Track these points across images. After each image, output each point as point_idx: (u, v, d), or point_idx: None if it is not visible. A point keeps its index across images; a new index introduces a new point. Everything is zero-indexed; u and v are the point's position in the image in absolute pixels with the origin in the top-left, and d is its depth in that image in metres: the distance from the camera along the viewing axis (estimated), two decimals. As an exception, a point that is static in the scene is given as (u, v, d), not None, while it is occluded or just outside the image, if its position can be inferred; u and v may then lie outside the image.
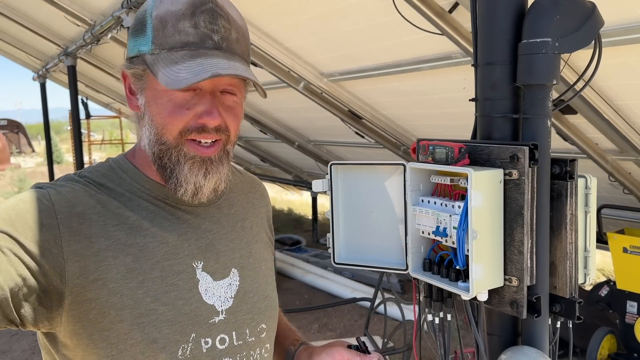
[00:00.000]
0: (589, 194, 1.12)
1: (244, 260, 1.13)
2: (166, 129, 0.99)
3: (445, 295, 1.14)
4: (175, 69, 0.93)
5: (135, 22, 1.01)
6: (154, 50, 0.97)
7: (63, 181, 1.02)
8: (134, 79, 1.02)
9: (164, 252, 1.01)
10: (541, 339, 1.11)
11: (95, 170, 1.04)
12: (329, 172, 1.22)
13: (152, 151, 1.02)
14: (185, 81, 0.92)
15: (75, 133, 7.03)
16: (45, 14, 5.60)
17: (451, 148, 1.05)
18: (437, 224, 1.07)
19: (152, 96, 0.99)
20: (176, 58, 0.95)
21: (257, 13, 3.47)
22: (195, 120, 0.98)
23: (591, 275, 1.14)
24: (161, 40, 0.96)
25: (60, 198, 0.95)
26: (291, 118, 5.80)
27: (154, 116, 0.99)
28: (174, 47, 0.96)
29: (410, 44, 3.09)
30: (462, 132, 3.77)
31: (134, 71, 1.00)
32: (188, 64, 0.93)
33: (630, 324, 3.83)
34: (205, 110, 0.98)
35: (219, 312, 1.05)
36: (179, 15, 0.95)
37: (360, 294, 5.51)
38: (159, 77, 0.94)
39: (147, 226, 1.01)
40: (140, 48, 0.99)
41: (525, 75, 1.04)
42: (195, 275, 1.03)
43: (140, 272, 0.98)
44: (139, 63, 0.99)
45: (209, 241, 1.08)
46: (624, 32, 2.25)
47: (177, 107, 0.97)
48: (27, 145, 24.46)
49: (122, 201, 1.01)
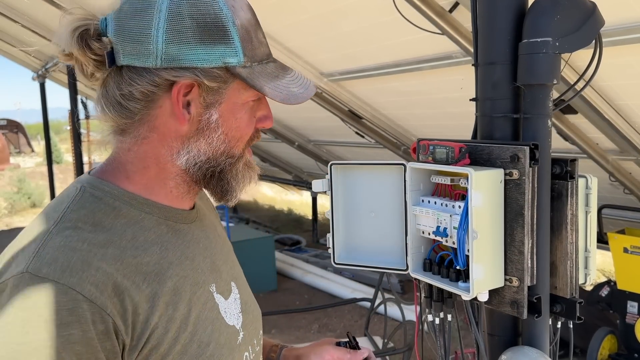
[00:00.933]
0: (590, 194, 1.12)
1: (234, 271, 1.09)
2: (241, 141, 0.95)
3: (446, 296, 1.14)
4: (283, 83, 0.91)
5: (203, 27, 0.86)
6: (246, 63, 0.88)
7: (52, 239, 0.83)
8: (206, 92, 0.89)
9: (189, 285, 0.93)
10: (542, 339, 1.10)
11: (82, 209, 0.88)
12: (329, 172, 1.22)
13: (208, 165, 0.93)
14: (301, 96, 0.91)
15: (74, 133, 7.03)
16: (45, 13, 5.60)
17: (451, 148, 1.05)
18: (438, 224, 1.06)
19: (230, 110, 0.91)
20: (272, 71, 0.92)
21: (257, 12, 3.46)
22: (256, 125, 0.97)
23: (592, 276, 1.14)
24: (252, 52, 0.89)
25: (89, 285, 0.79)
26: (291, 118, 5.80)
27: (231, 130, 0.92)
28: (262, 60, 0.92)
29: (411, 43, 3.09)
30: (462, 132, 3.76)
31: (212, 84, 0.88)
32: (288, 78, 0.92)
33: (631, 324, 3.83)
34: (265, 114, 0.97)
35: (239, 331, 1.01)
36: (255, 25, 0.92)
37: (360, 294, 5.51)
38: (268, 93, 0.89)
39: (166, 265, 0.91)
40: (227, 60, 0.87)
41: (526, 75, 1.04)
42: (215, 301, 0.98)
43: (182, 319, 0.89)
44: (219, 75, 0.88)
45: (210, 259, 1.02)
46: (624, 32, 2.25)
47: (250, 116, 0.95)
48: (27, 145, 24.46)
49: (130, 243, 0.88)
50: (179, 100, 0.88)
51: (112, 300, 0.80)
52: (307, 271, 6.62)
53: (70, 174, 13.24)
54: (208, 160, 0.92)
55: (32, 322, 0.75)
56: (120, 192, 0.91)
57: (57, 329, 0.75)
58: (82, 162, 7.02)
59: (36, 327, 0.75)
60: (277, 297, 6.04)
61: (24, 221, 11.56)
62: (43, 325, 0.75)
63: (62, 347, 0.75)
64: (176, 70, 0.85)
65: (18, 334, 0.75)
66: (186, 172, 0.93)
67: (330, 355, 1.17)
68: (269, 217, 10.49)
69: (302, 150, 6.59)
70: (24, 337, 0.75)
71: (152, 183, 0.94)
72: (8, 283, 0.78)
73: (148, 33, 0.84)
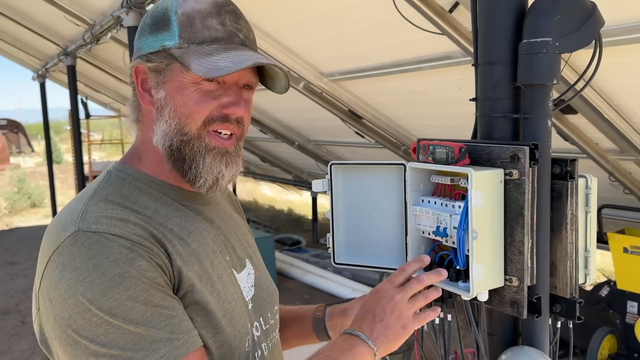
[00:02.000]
0: (590, 194, 1.12)
1: (249, 250, 1.19)
2: (191, 118, 1.00)
3: (446, 296, 1.14)
4: (211, 59, 0.96)
5: (154, 20, 1.03)
6: (182, 45, 0.99)
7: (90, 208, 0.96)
8: (153, 74, 1.03)
9: (209, 252, 1.04)
10: (541, 339, 1.10)
11: (110, 187, 1.01)
12: (329, 172, 1.22)
13: (169, 144, 1.02)
14: (226, 69, 0.95)
15: (74, 133, 7.03)
16: (45, 13, 5.60)
17: (451, 148, 1.05)
18: (438, 224, 1.06)
19: (176, 88, 1.01)
20: (209, 51, 0.98)
21: (257, 12, 3.47)
22: (220, 110, 1.01)
23: (591, 276, 1.14)
24: (189, 35, 1.00)
25: (134, 235, 0.93)
26: (291, 118, 5.80)
27: (178, 107, 1.01)
28: (204, 42, 0.99)
29: (411, 43, 3.09)
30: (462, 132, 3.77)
31: (155, 65, 1.02)
32: (224, 55, 0.97)
33: (631, 324, 3.83)
34: (232, 100, 1.02)
35: (248, 302, 1.10)
36: (206, 13, 1.00)
37: (360, 294, 5.49)
38: (193, 67, 0.96)
39: (187, 233, 1.02)
40: (164, 43, 1.01)
41: (526, 75, 1.04)
42: (231, 270, 1.09)
43: (207, 276, 1.01)
44: (161, 57, 1.01)
45: (224, 236, 1.12)
46: (624, 32, 2.25)
47: (204, 96, 1.00)
48: (27, 145, 24.46)
49: (154, 214, 1.00)
50: (137, 83, 1.05)
51: (155, 246, 0.93)
52: (307, 271, 6.62)
53: (70, 174, 13.25)
54: (166, 138, 1.02)
55: (103, 265, 0.87)
56: (140, 174, 1.05)
57: (128, 263, 0.88)
58: (82, 162, 7.02)
59: (109, 267, 0.87)
60: (277, 297, 6.04)
61: (24, 221, 11.57)
62: (114, 263, 0.87)
63: (140, 274, 0.88)
64: (138, 58, 1.04)
65: (96, 276, 0.86)
66: (164, 152, 1.03)
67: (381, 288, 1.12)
68: (269, 217, 10.49)
69: (302, 150, 6.59)
70: (102, 277, 0.86)
71: (154, 165, 1.05)
72: (64, 245, 0.90)
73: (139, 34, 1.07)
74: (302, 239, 8.36)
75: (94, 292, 0.85)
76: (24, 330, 5.43)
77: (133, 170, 1.05)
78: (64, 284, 0.87)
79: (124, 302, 0.86)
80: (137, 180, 1.03)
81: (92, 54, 6.35)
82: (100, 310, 0.85)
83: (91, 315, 0.85)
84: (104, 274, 0.86)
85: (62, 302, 0.87)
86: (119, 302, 0.86)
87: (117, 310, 0.85)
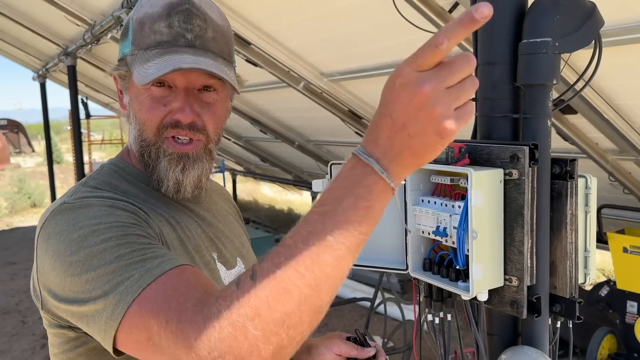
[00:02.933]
0: (589, 194, 1.12)
1: (242, 250, 1.20)
2: (146, 125, 1.03)
3: (445, 295, 1.14)
4: (146, 66, 0.99)
5: (123, 27, 1.09)
6: (133, 51, 1.03)
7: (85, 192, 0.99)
8: (120, 80, 1.08)
9: (193, 245, 1.06)
10: (541, 339, 1.11)
11: (100, 177, 1.05)
12: (329, 172, 1.22)
13: (136, 149, 1.07)
14: (151, 76, 0.97)
15: (75, 133, 7.02)
16: (45, 13, 5.60)
17: (451, 148, 1.05)
18: (437, 223, 1.07)
19: (134, 94, 1.05)
20: (148, 56, 1.01)
21: (257, 13, 3.47)
22: (170, 116, 1.02)
23: (591, 275, 1.14)
24: (139, 41, 1.03)
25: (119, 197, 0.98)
26: (291, 118, 5.80)
27: (136, 113, 1.05)
28: (149, 47, 1.02)
29: (411, 43, 3.08)
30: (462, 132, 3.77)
31: (119, 72, 1.07)
32: (157, 61, 0.99)
33: (631, 324, 3.83)
34: (178, 106, 1.02)
35: None
36: (156, 17, 1.02)
37: (360, 294, 5.50)
38: (134, 75, 1.00)
39: (174, 222, 1.04)
40: (124, 50, 1.06)
41: (526, 75, 1.04)
42: (216, 266, 1.09)
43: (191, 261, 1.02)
44: (123, 65, 1.06)
45: (215, 233, 1.13)
46: (624, 32, 2.25)
47: (155, 102, 1.02)
48: (27, 145, 24.46)
49: (143, 201, 1.02)
50: (117, 88, 1.11)
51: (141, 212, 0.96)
52: (307, 271, 6.60)
53: (70, 174, 13.25)
54: (135, 143, 1.07)
55: (81, 221, 0.88)
56: (131, 168, 1.08)
57: (105, 216, 0.89)
58: (82, 162, 7.01)
59: (86, 220, 0.88)
60: (277, 297, 6.03)
61: (24, 221, 11.57)
62: (91, 219, 0.88)
63: (118, 220, 0.89)
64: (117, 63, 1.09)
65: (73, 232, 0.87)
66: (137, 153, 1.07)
67: (338, 348, 1.21)
68: (269, 217, 10.49)
69: (302, 150, 6.59)
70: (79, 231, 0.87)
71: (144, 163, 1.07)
72: (49, 217, 0.93)
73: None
74: (302, 239, 8.34)
75: (72, 247, 0.86)
76: (24, 330, 5.43)
77: (125, 164, 1.09)
78: (50, 252, 0.89)
79: (99, 245, 0.84)
80: (127, 174, 1.07)
81: (92, 54, 6.35)
82: (78, 262, 0.84)
83: (74, 269, 0.84)
84: (81, 228, 0.87)
85: (52, 271, 0.88)
86: (95, 245, 0.85)
87: (94, 252, 0.84)
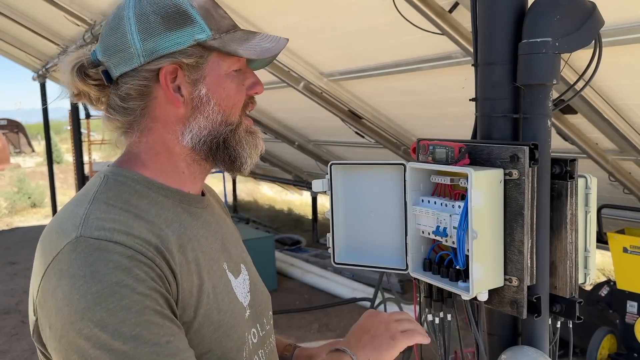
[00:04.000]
0: (589, 194, 1.12)
1: (243, 254, 1.17)
2: (235, 108, 1.03)
3: (446, 295, 1.14)
4: (253, 43, 1.00)
5: (166, 16, 0.96)
6: (215, 35, 0.98)
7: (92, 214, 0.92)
8: (188, 72, 0.98)
9: (207, 260, 1.01)
10: (541, 339, 1.11)
11: (109, 191, 0.97)
12: (329, 172, 1.22)
13: (211, 138, 1.01)
14: (275, 48, 1.02)
15: (75, 133, 7.03)
16: (45, 13, 5.60)
17: (451, 148, 1.05)
18: (437, 223, 1.07)
19: (216, 81, 1.01)
20: (242, 36, 1.01)
21: (257, 12, 3.47)
22: (248, 93, 1.05)
23: (591, 275, 1.14)
24: (216, 25, 0.99)
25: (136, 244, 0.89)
26: (291, 118, 5.80)
27: (222, 100, 1.01)
28: (229, 29, 1.01)
29: (411, 43, 3.09)
30: (462, 132, 3.78)
31: (193, 60, 0.97)
32: (259, 38, 1.02)
33: (631, 324, 3.83)
34: (255, 81, 1.06)
35: (246, 309, 1.08)
36: (211, 4, 1.01)
37: (360, 294, 5.51)
38: (242, 54, 0.98)
39: (186, 239, 0.99)
40: (197, 37, 0.97)
41: (526, 75, 1.04)
42: (228, 277, 1.06)
43: (204, 286, 0.97)
44: (196, 52, 0.98)
45: (221, 240, 1.10)
46: (624, 32, 2.25)
47: (239, 84, 1.03)
48: (27, 145, 24.45)
49: (154, 219, 0.96)
50: (168, 86, 0.98)
51: (157, 257, 0.90)
52: (307, 271, 6.62)
53: (70, 174, 13.24)
54: (209, 133, 1.01)
55: (100, 272, 0.84)
56: (139, 177, 1.01)
57: (125, 271, 0.85)
58: (82, 162, 7.02)
59: (106, 274, 0.84)
60: (277, 296, 6.04)
61: (24, 221, 11.56)
62: (112, 271, 0.84)
63: (137, 284, 0.85)
64: (158, 60, 0.96)
65: (92, 284, 0.83)
66: (194, 150, 1.02)
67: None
68: (269, 217, 10.49)
69: (302, 150, 6.59)
70: (98, 285, 0.83)
71: (165, 167, 1.03)
72: (64, 251, 0.87)
73: (126, 40, 0.96)
74: (302, 238, 8.36)
75: (87, 301, 0.83)
76: (24, 330, 5.43)
77: (131, 172, 1.01)
78: (59, 292, 0.85)
79: (117, 313, 0.83)
80: (136, 183, 1.00)
81: (92, 54, 6.34)
82: (91, 321, 0.82)
83: (83, 326, 0.82)
84: (100, 282, 0.83)
85: (57, 312, 0.84)
86: (112, 313, 0.83)
87: (109, 321, 0.82)
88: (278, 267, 6.62)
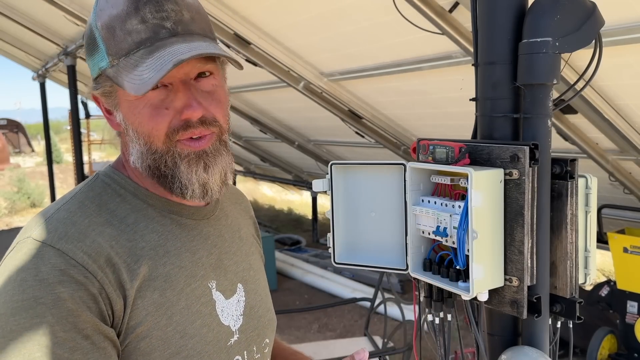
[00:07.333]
0: (590, 194, 1.12)
1: (246, 274, 1.11)
2: (153, 136, 0.93)
3: (446, 295, 1.14)
4: (137, 72, 0.88)
5: (87, 41, 0.96)
6: (113, 62, 0.91)
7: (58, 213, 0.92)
8: (105, 99, 0.97)
9: (185, 277, 0.96)
10: (541, 339, 1.11)
11: (91, 191, 0.96)
12: (329, 171, 1.22)
13: (146, 165, 0.96)
14: (150, 81, 0.86)
15: (74, 133, 7.02)
16: (44, 13, 5.60)
17: (451, 148, 1.05)
18: (438, 223, 1.06)
19: (128, 108, 0.94)
20: (135, 61, 0.89)
21: (257, 12, 3.47)
22: (178, 118, 0.92)
23: (591, 275, 1.14)
24: (115, 49, 0.91)
25: (81, 253, 0.86)
26: (291, 118, 5.80)
27: (137, 127, 0.94)
28: (130, 51, 0.90)
29: (411, 43, 3.09)
30: (462, 131, 3.78)
31: (102, 90, 0.96)
32: (148, 63, 0.88)
33: (631, 324, 3.83)
34: (184, 104, 0.92)
35: (234, 333, 1.02)
36: (124, 16, 0.90)
37: (360, 294, 5.51)
38: (126, 87, 0.89)
39: (162, 252, 0.95)
40: (99, 65, 0.94)
41: (526, 75, 1.04)
42: (212, 297, 1.00)
43: (168, 306, 0.93)
44: (104, 81, 0.94)
45: (217, 257, 1.04)
46: (624, 31, 2.25)
47: (156, 109, 0.92)
48: (27, 145, 24.45)
49: (129, 227, 0.94)
50: (102, 109, 1.01)
51: (104, 270, 0.87)
52: (307, 271, 6.62)
53: (70, 174, 13.24)
54: (142, 158, 0.96)
55: (27, 281, 0.83)
56: (127, 182, 0.99)
57: (48, 288, 0.83)
58: (82, 162, 7.01)
59: (31, 285, 0.83)
60: (277, 297, 6.04)
61: (24, 221, 11.57)
62: (37, 284, 0.83)
63: (53, 304, 0.82)
64: (92, 86, 0.99)
65: (16, 292, 0.83)
66: (144, 173, 0.98)
67: None
68: (269, 217, 10.49)
69: (302, 150, 6.59)
70: (21, 295, 0.82)
71: (138, 175, 1.00)
72: (13, 249, 0.89)
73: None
74: (302, 239, 8.36)
75: (7, 309, 0.82)
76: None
77: (122, 176, 0.99)
78: None
79: (25, 330, 0.80)
80: (122, 187, 0.98)
81: (92, 53, 6.34)
82: (2, 328, 0.81)
83: None
84: (23, 292, 0.82)
85: None
86: (22, 328, 0.81)
87: (14, 336, 0.80)
88: (278, 267, 6.63)
